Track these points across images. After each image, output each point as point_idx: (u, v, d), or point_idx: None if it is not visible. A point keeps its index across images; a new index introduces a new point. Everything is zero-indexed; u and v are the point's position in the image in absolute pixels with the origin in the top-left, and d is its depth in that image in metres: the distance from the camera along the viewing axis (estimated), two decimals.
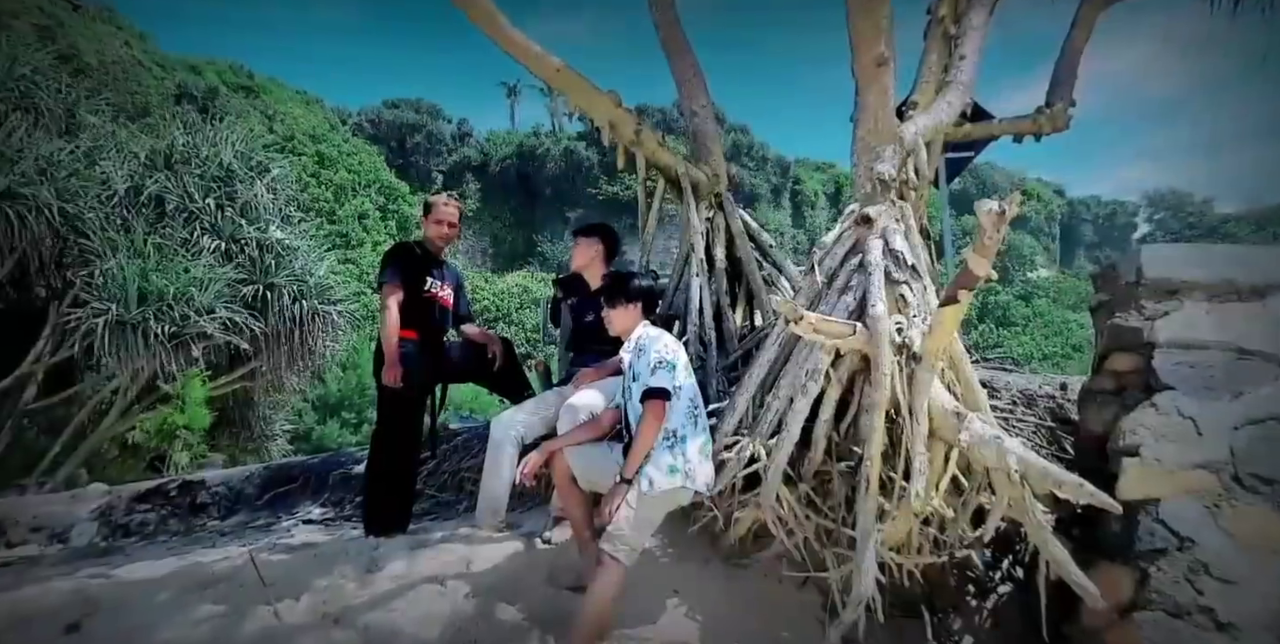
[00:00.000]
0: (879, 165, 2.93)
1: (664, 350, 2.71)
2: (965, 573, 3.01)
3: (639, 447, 2.58)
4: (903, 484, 2.58)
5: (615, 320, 2.94)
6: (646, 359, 2.69)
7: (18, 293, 8.47)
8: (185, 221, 8.33)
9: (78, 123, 8.58)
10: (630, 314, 2.92)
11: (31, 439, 8.83)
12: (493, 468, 3.28)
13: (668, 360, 2.69)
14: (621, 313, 2.92)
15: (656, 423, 2.59)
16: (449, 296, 3.83)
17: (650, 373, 2.64)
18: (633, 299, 2.91)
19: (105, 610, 2.53)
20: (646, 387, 2.62)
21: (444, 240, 3.83)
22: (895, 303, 2.83)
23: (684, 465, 2.63)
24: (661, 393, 2.61)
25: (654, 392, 2.60)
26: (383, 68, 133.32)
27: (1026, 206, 4.37)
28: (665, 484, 2.58)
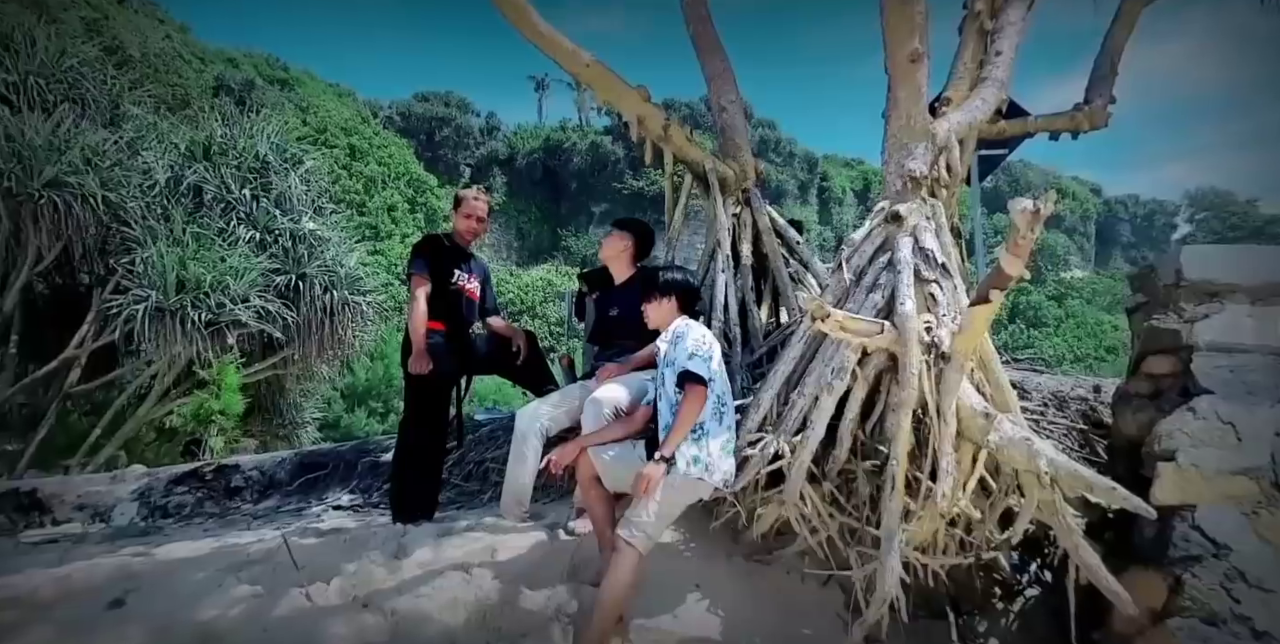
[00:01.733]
0: (910, 162, 2.90)
1: (701, 340, 2.74)
2: (992, 575, 2.98)
3: (680, 426, 2.59)
4: (929, 484, 2.56)
5: (651, 315, 2.96)
6: (683, 346, 2.71)
7: (63, 279, 8.77)
8: (222, 212, 8.53)
9: (122, 114, 8.82)
10: (666, 308, 2.93)
11: (74, 421, 9.14)
12: (517, 459, 3.32)
13: (704, 351, 2.71)
14: (656, 307, 2.94)
15: (698, 405, 2.61)
16: (476, 289, 3.87)
17: (687, 358, 2.66)
18: (665, 293, 2.92)
19: (147, 587, 2.63)
20: (684, 369, 2.64)
21: (472, 234, 3.87)
22: (924, 302, 2.80)
23: (706, 459, 2.64)
24: (699, 378, 2.63)
25: (691, 376, 2.63)
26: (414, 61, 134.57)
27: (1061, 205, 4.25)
28: (685, 475, 2.59)
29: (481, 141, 49.54)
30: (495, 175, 46.36)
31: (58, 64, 8.11)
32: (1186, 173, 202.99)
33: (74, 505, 4.71)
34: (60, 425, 8.66)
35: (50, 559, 3.10)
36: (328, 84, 44.34)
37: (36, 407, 8.57)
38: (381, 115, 46.16)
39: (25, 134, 7.00)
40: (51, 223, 7.17)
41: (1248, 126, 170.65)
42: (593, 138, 48.57)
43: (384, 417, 18.69)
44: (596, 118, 50.76)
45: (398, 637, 2.49)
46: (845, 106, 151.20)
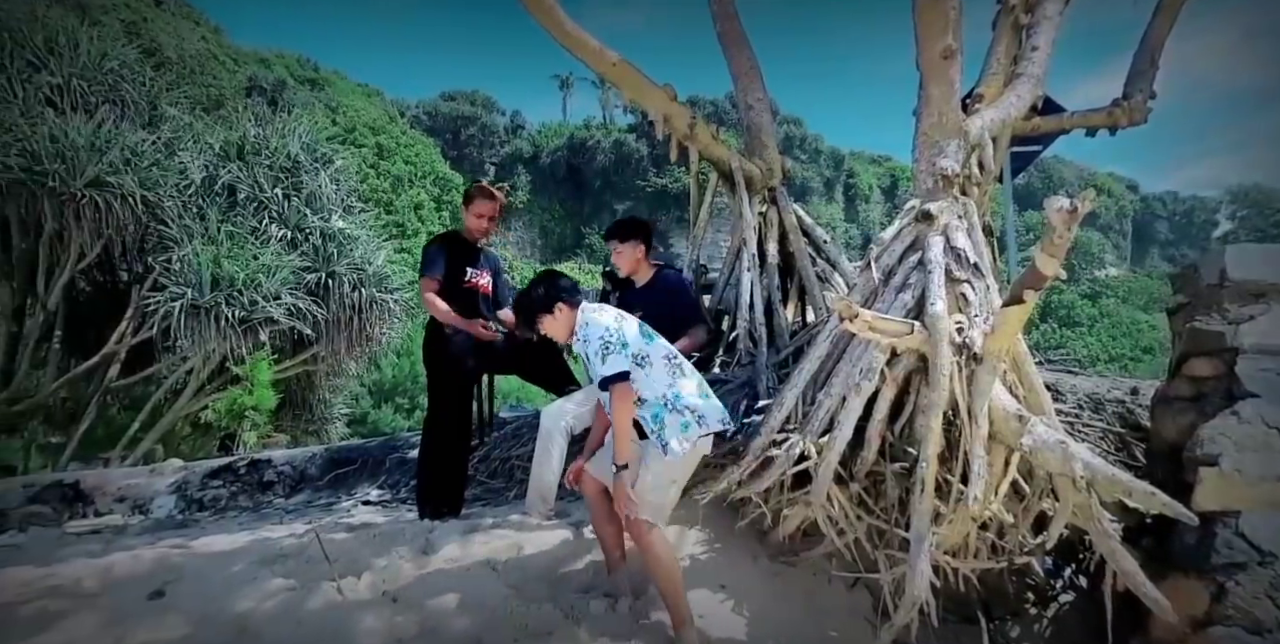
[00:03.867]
0: (942, 160, 2.85)
1: (605, 333, 2.63)
2: (1025, 580, 2.93)
3: (621, 433, 2.56)
4: (960, 487, 2.52)
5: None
6: (593, 348, 2.63)
7: (103, 276, 9.03)
8: (255, 210, 8.71)
9: (159, 115, 9.04)
10: (561, 320, 2.76)
11: (114, 415, 9.42)
12: (542, 457, 3.35)
13: (612, 342, 2.62)
14: (551, 322, 2.77)
15: (624, 405, 2.56)
16: (489, 284, 3.86)
17: (601, 362, 2.59)
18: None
19: (186, 579, 2.70)
20: (602, 376, 2.58)
21: (481, 234, 3.84)
22: (956, 302, 2.75)
23: (692, 416, 2.62)
24: (618, 377, 2.57)
25: (610, 379, 2.56)
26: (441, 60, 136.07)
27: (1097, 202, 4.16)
28: (686, 444, 2.58)
29: (506, 140, 49.90)
30: (519, 173, 46.66)
31: (99, 66, 8.34)
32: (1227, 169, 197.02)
33: (115, 497, 4.86)
34: (101, 419, 8.93)
35: (93, 550, 3.20)
36: (356, 84, 44.98)
37: (78, 401, 8.84)
38: (409, 114, 46.73)
39: (68, 135, 7.21)
40: (93, 221, 7.39)
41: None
42: (617, 135, 48.64)
43: (410, 413, 18.93)
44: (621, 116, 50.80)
45: (426, 631, 2.52)
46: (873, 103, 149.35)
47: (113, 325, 8.42)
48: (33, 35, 7.99)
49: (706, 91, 44.29)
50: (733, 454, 3.14)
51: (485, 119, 49.60)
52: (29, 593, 2.72)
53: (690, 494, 3.06)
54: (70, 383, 8.46)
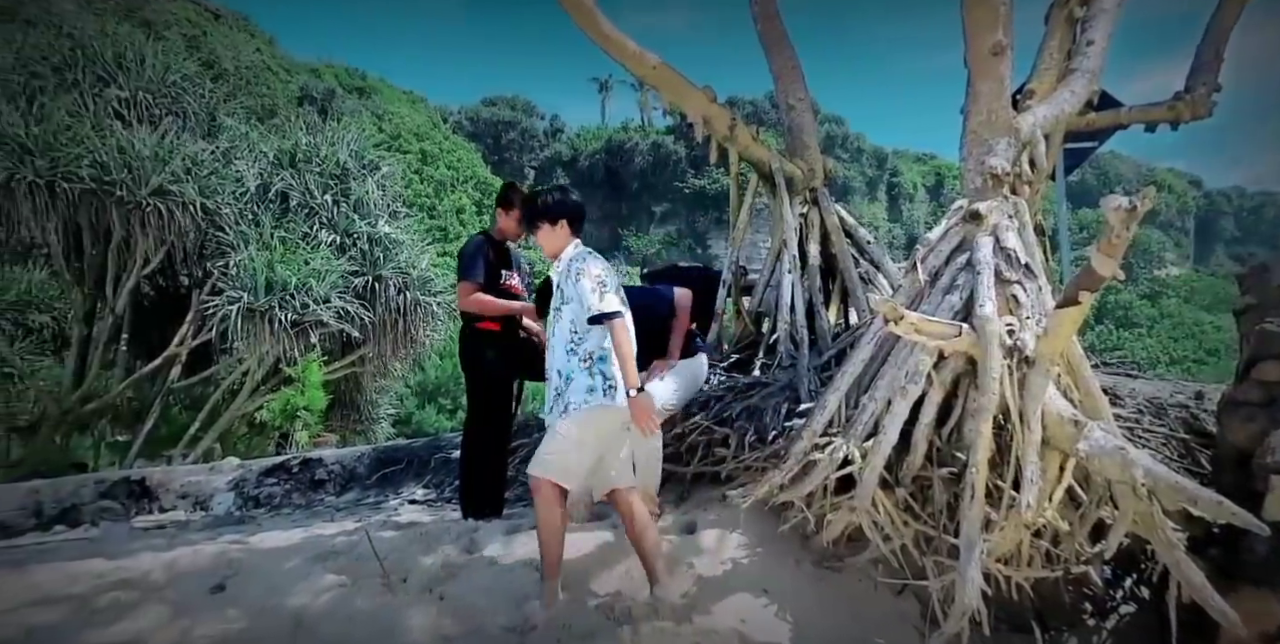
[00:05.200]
0: (991, 159, 2.78)
1: (601, 275, 2.66)
2: (1082, 590, 2.83)
3: (627, 362, 2.57)
4: (1012, 494, 2.46)
5: (544, 242, 2.81)
6: (588, 283, 2.64)
7: (166, 281, 9.45)
8: (306, 216, 9.01)
9: (217, 125, 9.43)
10: (560, 234, 2.78)
11: (176, 415, 9.83)
12: None
13: (607, 282, 2.66)
14: (549, 234, 2.78)
15: (626, 337, 2.59)
16: (520, 285, 3.88)
17: (599, 298, 2.60)
18: (555, 218, 2.78)
19: (245, 574, 2.81)
20: (597, 311, 2.59)
21: (516, 236, 3.85)
22: (1006, 303, 2.68)
23: (603, 385, 2.62)
24: (617, 314, 2.59)
25: (608, 315, 2.59)
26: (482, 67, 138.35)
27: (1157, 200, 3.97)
28: (582, 403, 2.59)
29: (545, 144, 50.47)
30: (558, 176, 47.08)
31: (163, 80, 8.74)
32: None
33: (178, 494, 5.07)
34: (164, 418, 9.33)
35: (159, 544, 3.35)
36: (402, 91, 46.05)
37: (143, 400, 9.26)
38: (451, 120, 47.64)
39: (134, 146, 7.57)
40: (157, 229, 7.74)
41: None
42: (655, 137, 48.72)
43: (452, 413, 19.27)
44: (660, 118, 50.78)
45: (471, 629, 2.56)
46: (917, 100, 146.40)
47: (174, 328, 8.79)
48: (103, 51, 8.42)
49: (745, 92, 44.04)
50: (774, 457, 3.12)
51: (525, 123, 50.26)
52: (103, 585, 2.87)
53: (730, 498, 3.05)
54: (136, 383, 8.87)
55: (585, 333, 2.66)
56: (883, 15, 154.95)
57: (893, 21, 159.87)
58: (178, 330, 8.76)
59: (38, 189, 7.08)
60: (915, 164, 58.22)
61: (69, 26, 9.27)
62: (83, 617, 2.63)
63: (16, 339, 9.34)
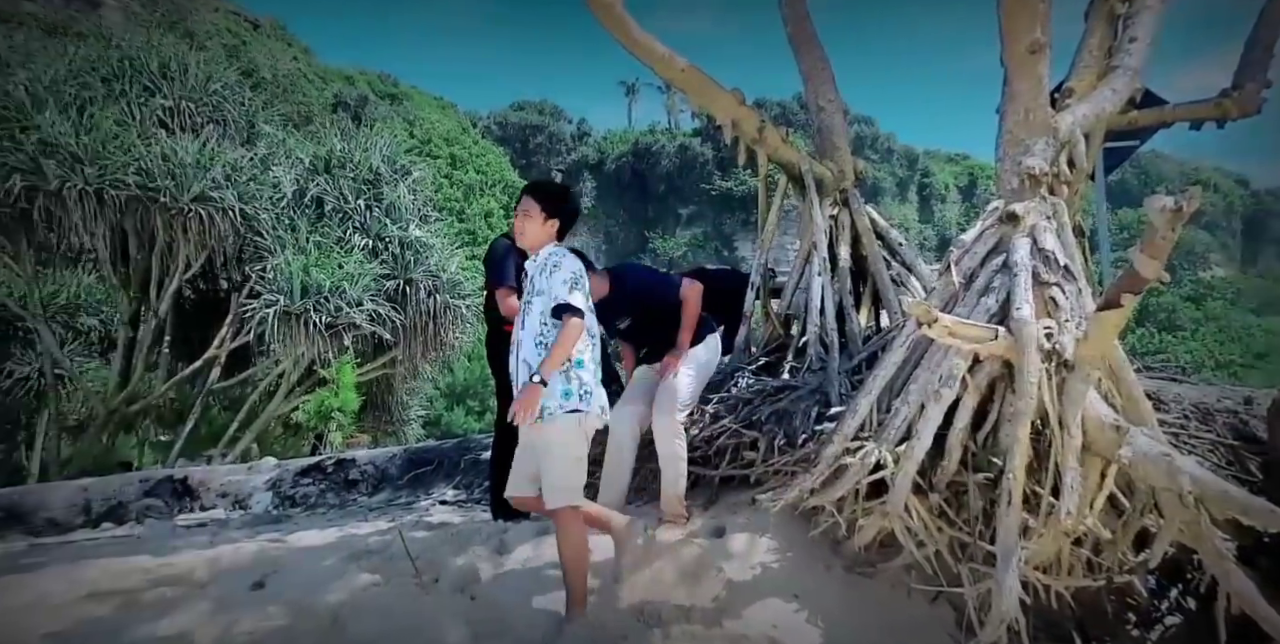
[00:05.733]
0: (1028, 159, 2.73)
1: (577, 273, 2.66)
2: (1125, 600, 2.75)
3: (556, 353, 2.53)
4: (1050, 500, 2.40)
5: (528, 230, 2.76)
6: (562, 276, 2.62)
7: (206, 285, 9.71)
8: (340, 221, 9.18)
9: (256, 132, 9.66)
10: (547, 229, 2.75)
11: (215, 415, 10.10)
12: (614, 463, 3.38)
13: (581, 285, 2.65)
14: (538, 224, 2.74)
15: (574, 335, 2.55)
16: None
17: (568, 291, 2.59)
18: (552, 213, 2.75)
19: (283, 572, 2.88)
20: (564, 302, 2.57)
21: None
22: (1044, 306, 2.63)
23: (579, 389, 2.59)
24: (577, 310, 2.56)
25: (570, 308, 2.56)
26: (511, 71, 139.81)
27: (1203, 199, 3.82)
28: (559, 408, 2.55)
29: (572, 147, 50.79)
30: (585, 180, 47.36)
31: (205, 89, 8.99)
32: None
33: (218, 493, 5.21)
34: (204, 419, 9.59)
35: (201, 542, 3.45)
36: (432, 97, 46.76)
37: (184, 401, 9.53)
38: (480, 125, 48.22)
39: (177, 153, 7.80)
40: (198, 234, 7.96)
41: None
42: (681, 140, 48.75)
43: (481, 415, 19.48)
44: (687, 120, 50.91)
45: (504, 630, 2.58)
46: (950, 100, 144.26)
47: (214, 331, 9.03)
48: (149, 62, 8.69)
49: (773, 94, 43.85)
50: (804, 461, 3.09)
51: (553, 127, 50.65)
52: (149, 580, 2.97)
53: (760, 502, 3.03)
54: (177, 385, 9.12)
55: (555, 327, 2.64)
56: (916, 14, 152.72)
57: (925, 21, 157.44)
58: (217, 333, 8.99)
59: (87, 196, 7.34)
60: (947, 164, 57.34)
61: (117, 39, 9.61)
62: (131, 611, 2.71)
63: (66, 341, 9.68)
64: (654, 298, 3.53)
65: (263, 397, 9.70)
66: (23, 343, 9.62)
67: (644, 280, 3.60)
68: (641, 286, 3.56)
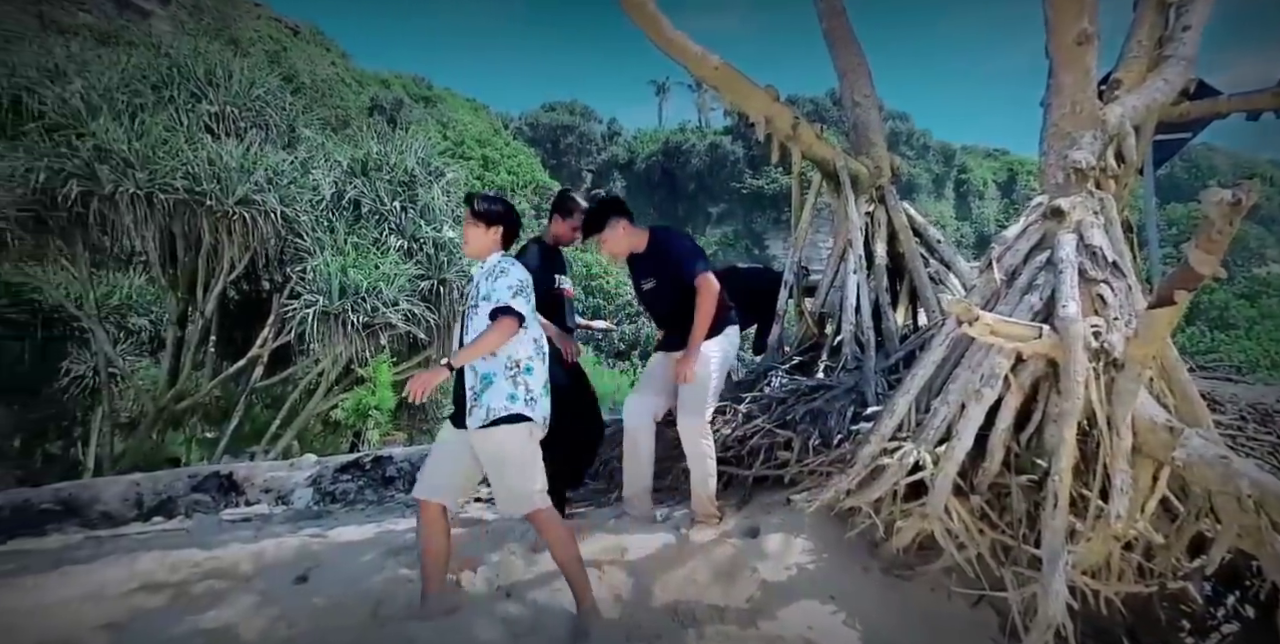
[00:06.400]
0: (1075, 153, 2.65)
1: (524, 282, 2.65)
2: (1179, 606, 2.66)
3: (477, 346, 2.51)
4: (1099, 503, 2.33)
5: (472, 239, 2.76)
6: (506, 281, 2.60)
7: (249, 286, 9.97)
8: (376, 223, 9.35)
9: (296, 136, 9.88)
10: (490, 238, 2.75)
11: (258, 413, 10.37)
12: (633, 456, 3.37)
13: (526, 289, 2.63)
14: (480, 233, 2.74)
15: (503, 335, 2.52)
16: (572, 289, 3.94)
17: (511, 295, 2.57)
18: (492, 222, 2.75)
19: (325, 566, 2.94)
20: (504, 304, 2.55)
21: (569, 240, 3.88)
22: (1091, 303, 2.55)
23: (525, 395, 2.57)
24: (513, 312, 2.54)
25: (507, 309, 2.55)
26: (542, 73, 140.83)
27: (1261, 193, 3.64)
28: (504, 411, 2.53)
29: (603, 147, 50.93)
30: (615, 179, 47.44)
31: (248, 94, 9.23)
32: None
33: (261, 488, 5.35)
34: (247, 416, 9.85)
35: (246, 536, 3.54)
36: (465, 99, 47.34)
37: (229, 399, 9.80)
38: (512, 126, 48.65)
39: (222, 157, 8.03)
40: (242, 236, 8.18)
41: None
42: (712, 138, 48.55)
43: None
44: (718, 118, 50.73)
45: (539, 627, 2.60)
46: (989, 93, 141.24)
47: (257, 331, 9.27)
48: (196, 69, 8.95)
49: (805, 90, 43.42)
50: (839, 462, 3.06)
51: (583, 127, 50.84)
52: (199, 573, 3.07)
53: (795, 502, 3.00)
54: (223, 383, 9.39)
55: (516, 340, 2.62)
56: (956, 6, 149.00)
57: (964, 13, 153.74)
58: (260, 332, 9.22)
59: (138, 200, 7.59)
60: (986, 160, 56.09)
61: (166, 47, 9.91)
62: (182, 603, 2.80)
63: (119, 341, 10.04)
64: (671, 266, 3.38)
65: (303, 395, 9.93)
66: (79, 342, 10.01)
67: (672, 246, 3.46)
68: (668, 251, 3.43)
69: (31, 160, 7.52)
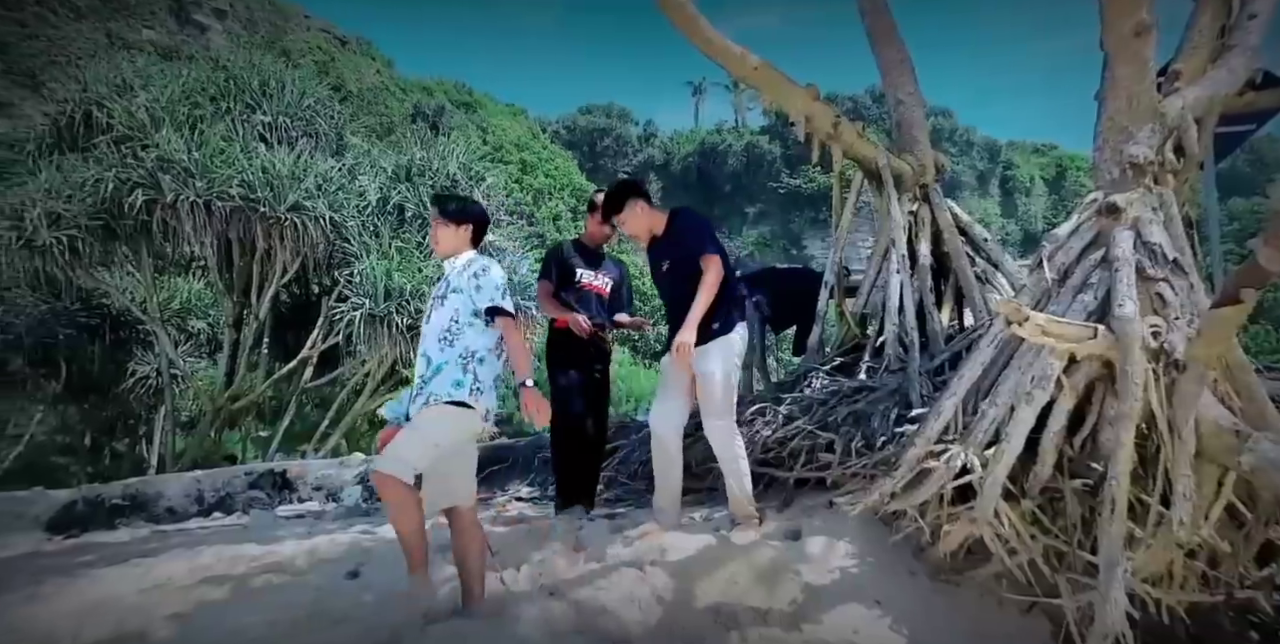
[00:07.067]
0: (1132, 147, 2.57)
1: (503, 280, 2.69)
2: (1247, 617, 2.54)
3: (518, 355, 2.58)
4: (1159, 509, 2.25)
5: (442, 239, 2.78)
6: (492, 282, 2.64)
7: (299, 289, 10.29)
8: (419, 227, 9.54)
9: (344, 144, 10.18)
10: (461, 236, 2.79)
11: (309, 413, 10.71)
12: (662, 462, 3.30)
13: (506, 288, 2.68)
14: (451, 233, 2.77)
15: (517, 335, 2.61)
16: (604, 286, 3.96)
17: (501, 296, 2.63)
18: (461, 220, 2.77)
19: (375, 562, 3.02)
20: (498, 306, 2.61)
21: (603, 239, 4.01)
22: (1150, 302, 2.47)
23: (472, 383, 2.55)
24: (510, 313, 2.61)
25: (502, 311, 2.61)
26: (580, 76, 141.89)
27: None
28: (447, 397, 2.51)
29: (639, 149, 51.08)
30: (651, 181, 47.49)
31: (299, 104, 9.55)
32: None
33: (313, 486, 5.53)
34: (298, 416, 10.17)
35: (301, 532, 3.66)
36: (504, 104, 48.06)
37: (281, 399, 10.14)
38: (549, 130, 49.17)
39: (275, 166, 8.32)
40: (293, 241, 8.45)
41: None
42: (749, 138, 48.27)
43: None
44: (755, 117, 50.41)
45: (582, 626, 2.62)
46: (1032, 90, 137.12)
47: (307, 333, 9.57)
48: (250, 81, 9.31)
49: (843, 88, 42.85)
50: (883, 464, 3.02)
51: (620, 130, 51.09)
52: (257, 567, 3.19)
53: (838, 505, 2.97)
54: (275, 383, 9.71)
55: (465, 326, 2.65)
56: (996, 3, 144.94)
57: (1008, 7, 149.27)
58: (309, 335, 9.52)
59: (198, 208, 7.92)
60: (1033, 156, 54.44)
61: (223, 60, 10.32)
62: (242, 596, 2.91)
63: (179, 343, 10.48)
64: (683, 246, 3.31)
65: (350, 395, 10.20)
66: (143, 344, 10.48)
67: (687, 224, 3.41)
68: (683, 230, 3.38)
69: (101, 171, 7.92)
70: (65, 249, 7.96)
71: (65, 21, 26.52)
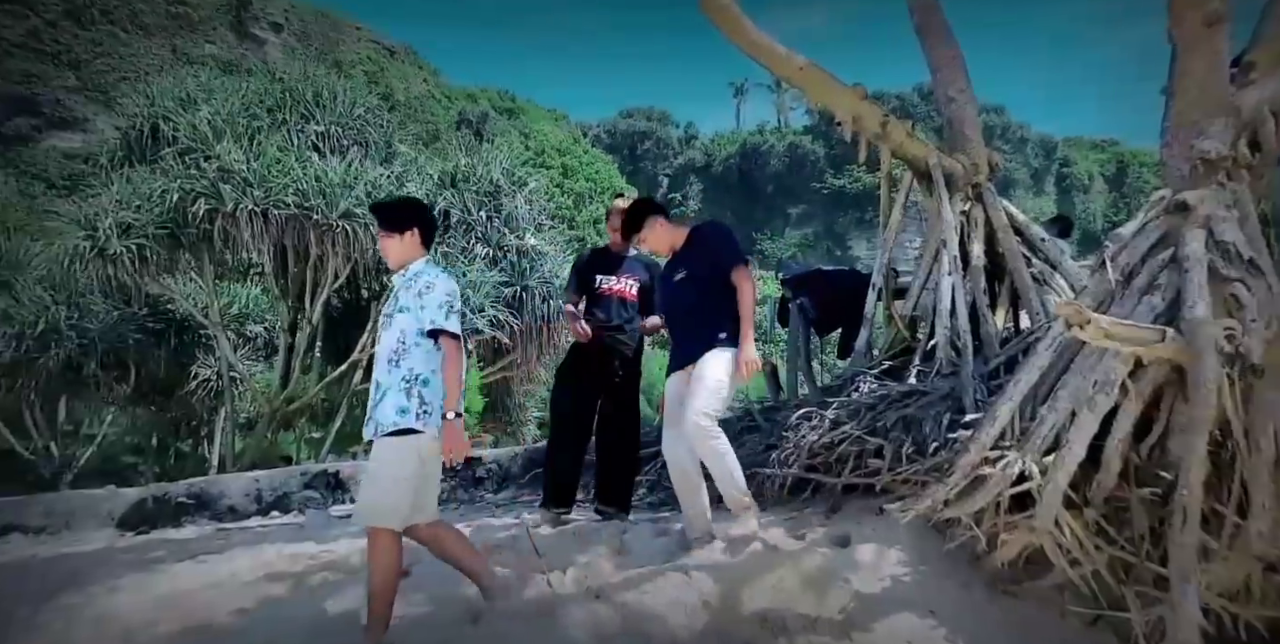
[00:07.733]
0: (1203, 142, 2.45)
1: (453, 295, 2.59)
2: None
3: (452, 383, 2.49)
4: (1235, 520, 2.14)
5: (393, 253, 2.69)
6: (435, 299, 2.53)
7: (350, 294, 10.60)
8: (464, 232, 9.75)
9: (393, 152, 10.46)
10: (409, 244, 2.68)
11: (359, 414, 10.99)
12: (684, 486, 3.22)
13: (455, 305, 2.58)
14: (398, 244, 2.67)
15: (456, 361, 2.50)
16: (627, 288, 3.93)
17: (444, 316, 2.52)
18: (405, 227, 2.66)
19: (425, 562, 3.06)
20: (440, 327, 2.51)
21: (617, 245, 3.99)
22: (1224, 304, 2.35)
23: (418, 408, 2.47)
24: (455, 335, 2.51)
25: (448, 333, 2.51)
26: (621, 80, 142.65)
27: None
28: (393, 426, 2.46)
29: (679, 152, 51.12)
30: (692, 183, 47.49)
31: (350, 114, 9.87)
32: None
33: None
34: (349, 418, 10.46)
35: (355, 532, 3.75)
36: (546, 110, 48.70)
37: (333, 401, 10.45)
38: (590, 134, 49.62)
39: (328, 174, 8.60)
40: (345, 247, 8.72)
41: None
42: (791, 138, 47.84)
43: None
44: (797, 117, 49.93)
45: (628, 629, 2.62)
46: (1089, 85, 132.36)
47: (357, 336, 9.84)
48: (305, 92, 9.66)
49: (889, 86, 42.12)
50: (935, 471, 2.94)
51: (660, 133, 51.24)
52: (315, 565, 3.29)
53: (889, 512, 2.90)
54: (327, 386, 10.02)
55: (412, 347, 2.55)
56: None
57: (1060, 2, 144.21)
58: (360, 338, 9.79)
59: (255, 216, 8.25)
60: (1091, 152, 52.53)
61: (279, 73, 10.73)
62: (301, 593, 3.01)
63: (238, 347, 10.91)
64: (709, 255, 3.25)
65: None
66: (205, 348, 10.94)
67: (717, 236, 3.36)
68: (709, 240, 3.32)
69: (167, 182, 8.33)
70: (135, 257, 8.38)
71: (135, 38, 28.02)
